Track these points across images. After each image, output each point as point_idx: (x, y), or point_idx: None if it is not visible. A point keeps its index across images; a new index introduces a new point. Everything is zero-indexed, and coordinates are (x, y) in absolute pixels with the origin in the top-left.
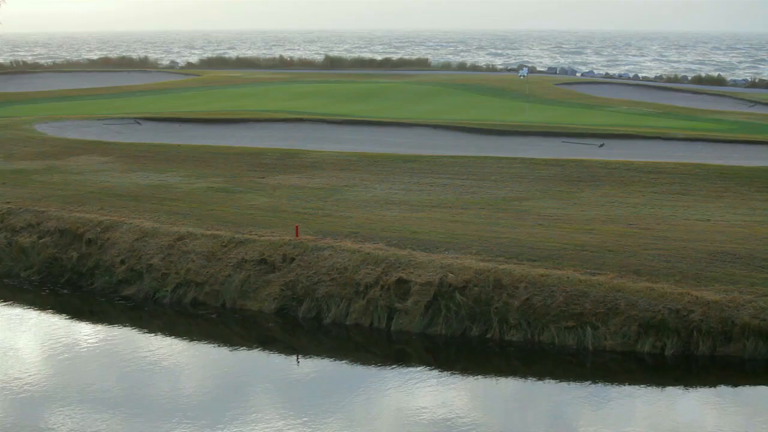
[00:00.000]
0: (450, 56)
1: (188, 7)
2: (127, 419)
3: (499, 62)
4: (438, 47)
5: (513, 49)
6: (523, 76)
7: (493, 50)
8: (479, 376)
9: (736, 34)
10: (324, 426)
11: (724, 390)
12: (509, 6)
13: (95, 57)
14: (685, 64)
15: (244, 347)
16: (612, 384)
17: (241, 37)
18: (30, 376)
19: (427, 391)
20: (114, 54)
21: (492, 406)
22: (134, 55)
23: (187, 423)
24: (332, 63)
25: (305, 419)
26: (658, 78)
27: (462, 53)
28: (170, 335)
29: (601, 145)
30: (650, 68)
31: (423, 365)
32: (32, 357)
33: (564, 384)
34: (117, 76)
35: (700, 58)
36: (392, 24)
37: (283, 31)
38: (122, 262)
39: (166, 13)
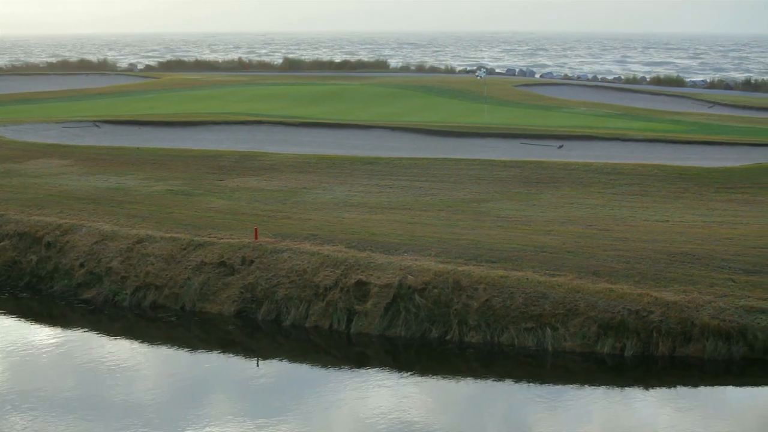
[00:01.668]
0: (409, 58)
1: (146, 8)
2: (84, 423)
3: (457, 64)
4: (398, 49)
5: (477, 50)
6: (481, 77)
7: (452, 52)
8: (439, 378)
9: (696, 36)
10: (283, 429)
11: (683, 391)
12: (477, 7)
13: (54, 60)
14: (648, 66)
15: (203, 350)
16: (571, 385)
17: (197, 41)
18: None
19: (386, 393)
20: (72, 57)
21: (451, 408)
22: (93, 58)
23: (145, 427)
24: (291, 65)
25: (264, 422)
26: (617, 79)
27: (416, 55)
28: (129, 338)
29: (560, 147)
30: (611, 72)
31: (382, 367)
32: None
33: (523, 385)
34: (76, 78)
35: (659, 60)
36: (353, 26)
37: (241, 34)
38: (81, 265)
39: (126, 16)
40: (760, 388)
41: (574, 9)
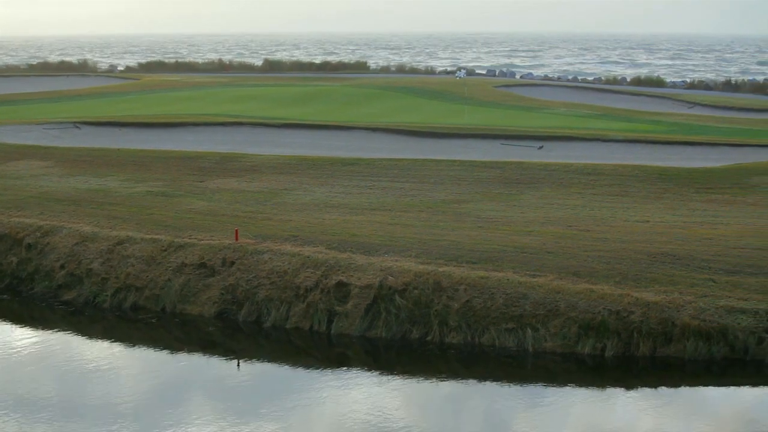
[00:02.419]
0: (389, 59)
1: (123, 10)
2: (64, 425)
3: (437, 65)
4: (378, 50)
5: (458, 51)
6: (461, 77)
7: (432, 53)
8: (419, 379)
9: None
10: (263, 430)
11: (664, 391)
12: (457, 8)
13: (34, 61)
14: (629, 67)
15: (184, 351)
16: (552, 385)
17: (177, 42)
18: None
19: (366, 394)
20: (53, 58)
21: (432, 409)
22: (73, 59)
23: (126, 429)
24: (271, 66)
25: (244, 423)
26: (597, 80)
27: (397, 56)
28: (110, 340)
29: (540, 147)
30: (592, 72)
31: (363, 368)
32: None
33: (504, 386)
34: (56, 80)
35: (641, 62)
36: (333, 27)
37: (221, 35)
38: (62, 266)
39: (104, 17)
40: (740, 388)
41: (555, 10)
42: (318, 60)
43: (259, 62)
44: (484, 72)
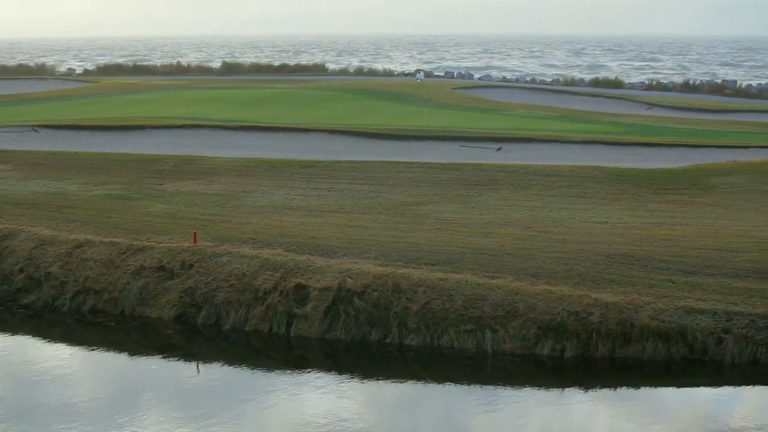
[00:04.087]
0: (348, 61)
1: (80, 11)
2: (20, 429)
3: (395, 67)
4: (336, 52)
5: (418, 53)
6: (420, 79)
7: (390, 53)
8: (378, 381)
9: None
10: None
11: (623, 392)
12: (419, 9)
13: None
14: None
15: (142, 355)
16: (511, 387)
17: (134, 45)
18: None
19: (325, 397)
20: (10, 61)
21: (390, 411)
22: (31, 63)
23: None
24: (229, 69)
25: (203, 426)
26: (556, 81)
27: (355, 57)
28: (68, 343)
29: (499, 149)
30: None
31: (322, 370)
32: None
33: (463, 387)
34: (14, 83)
35: (599, 63)
36: (292, 29)
37: (179, 38)
38: (21, 270)
39: (62, 20)
40: (699, 388)
41: (515, 12)
42: (276, 62)
43: (217, 65)
44: (442, 74)
